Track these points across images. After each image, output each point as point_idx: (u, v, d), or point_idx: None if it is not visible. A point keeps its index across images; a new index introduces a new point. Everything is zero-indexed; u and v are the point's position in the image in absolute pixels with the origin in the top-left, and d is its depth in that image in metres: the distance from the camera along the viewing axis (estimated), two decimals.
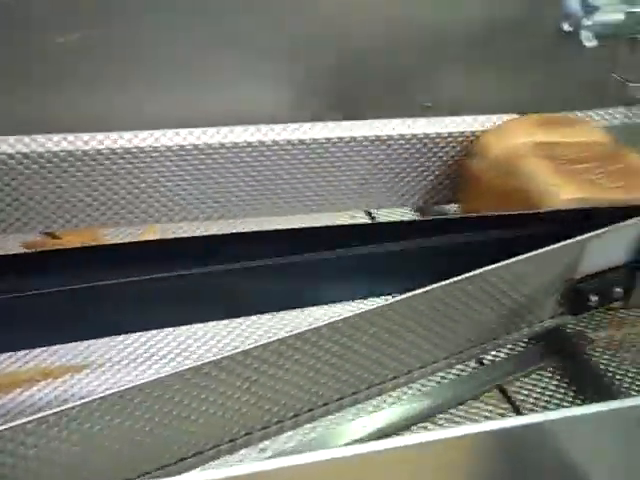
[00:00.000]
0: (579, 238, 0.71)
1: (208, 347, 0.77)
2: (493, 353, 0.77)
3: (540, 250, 0.69)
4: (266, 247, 0.68)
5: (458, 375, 0.75)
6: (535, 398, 0.73)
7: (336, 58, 1.00)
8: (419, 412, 0.72)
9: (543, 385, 0.75)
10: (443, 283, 0.64)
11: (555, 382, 0.75)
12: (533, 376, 0.76)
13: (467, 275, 0.66)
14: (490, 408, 0.72)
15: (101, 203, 0.84)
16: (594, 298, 0.73)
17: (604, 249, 0.73)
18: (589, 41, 0.92)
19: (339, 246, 0.69)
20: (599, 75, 0.99)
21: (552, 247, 0.69)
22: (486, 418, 0.71)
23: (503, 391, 0.74)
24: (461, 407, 0.72)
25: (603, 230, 0.71)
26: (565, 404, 0.73)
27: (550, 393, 0.74)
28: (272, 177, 0.88)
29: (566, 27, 0.94)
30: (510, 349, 0.78)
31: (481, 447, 0.49)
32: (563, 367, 0.77)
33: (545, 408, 0.72)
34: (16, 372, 0.73)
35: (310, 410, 0.62)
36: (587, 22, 0.92)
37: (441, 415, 0.71)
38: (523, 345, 0.79)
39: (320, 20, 0.97)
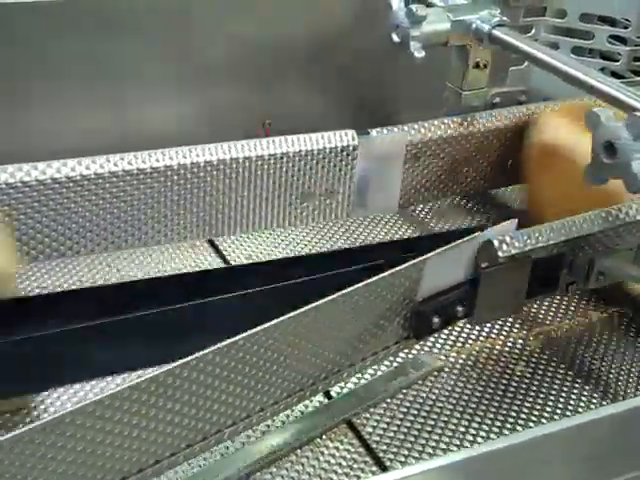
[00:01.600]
0: (417, 260, 0.69)
1: None
2: (342, 384, 0.74)
3: (378, 276, 0.66)
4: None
5: (302, 412, 0.71)
6: (383, 429, 0.71)
7: None
8: (266, 453, 0.68)
9: (390, 414, 0.72)
10: (280, 320, 0.61)
11: (403, 410, 0.73)
12: (383, 405, 0.73)
13: (302, 310, 0.63)
14: (337, 445, 0.69)
15: None
16: (436, 319, 0.72)
17: (443, 269, 0.71)
18: (418, 52, 0.91)
19: None
20: (433, 85, 0.98)
21: (390, 272, 0.67)
22: (334, 454, 0.68)
23: (351, 424, 0.71)
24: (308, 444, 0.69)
25: (440, 250, 0.70)
26: (413, 432, 0.71)
27: (398, 422, 0.72)
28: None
29: (395, 38, 0.92)
30: (357, 379, 0.75)
31: None
32: (412, 395, 0.75)
33: (392, 439, 0.70)
34: None
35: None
36: (415, 33, 0.90)
37: (286, 458, 0.67)
38: (371, 373, 0.76)
39: None
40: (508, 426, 0.72)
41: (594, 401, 0.76)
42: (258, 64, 0.99)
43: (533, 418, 0.73)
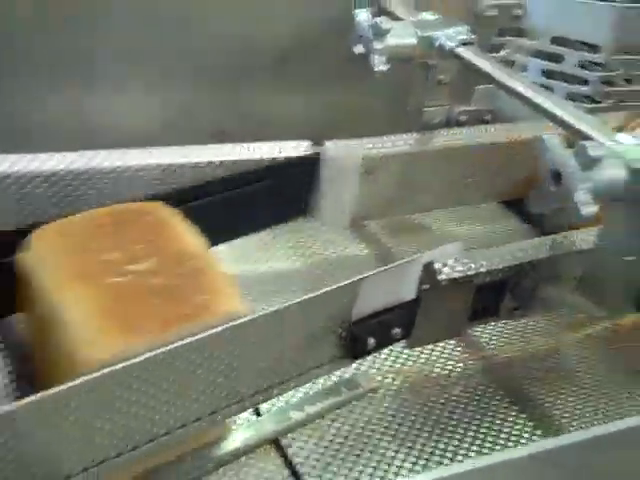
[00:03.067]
0: (353, 279, 0.67)
1: None
2: (272, 402, 0.72)
3: (312, 294, 0.65)
4: None
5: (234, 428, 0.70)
6: (310, 450, 0.69)
7: None
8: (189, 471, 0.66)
9: (319, 435, 0.71)
10: (209, 333, 0.59)
11: (333, 431, 0.71)
12: (312, 425, 0.72)
13: (234, 324, 0.61)
14: (261, 465, 0.68)
15: None
16: (372, 340, 0.70)
17: (381, 289, 0.70)
18: (380, 65, 0.89)
19: None
20: (395, 100, 0.97)
21: (325, 290, 0.66)
22: (257, 474, 0.67)
23: (277, 443, 0.70)
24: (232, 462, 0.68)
25: (379, 269, 0.68)
26: (341, 455, 0.69)
27: (326, 444, 0.70)
28: None
29: (358, 50, 0.91)
30: (289, 397, 0.73)
31: None
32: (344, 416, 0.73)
33: (318, 461, 0.68)
34: None
35: None
36: (378, 46, 0.89)
37: (207, 477, 0.66)
38: (303, 391, 0.74)
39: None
40: (437, 453, 0.71)
41: (527, 430, 0.74)
42: (226, 67, 0.98)
43: (464, 445, 0.72)
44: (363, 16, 0.91)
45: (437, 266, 0.71)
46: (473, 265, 0.72)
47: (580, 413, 0.77)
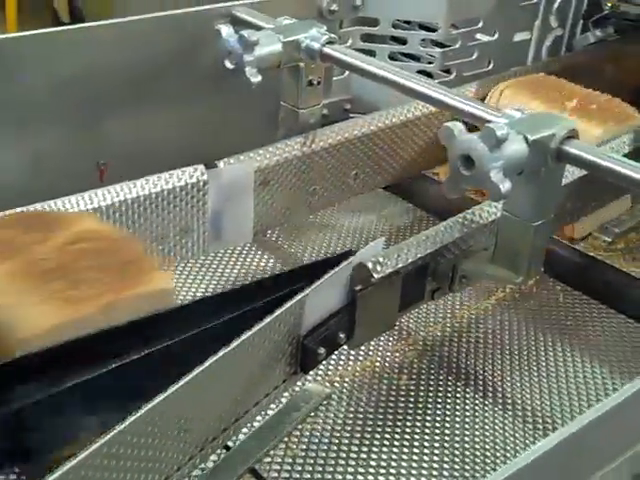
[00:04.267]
0: (298, 297, 0.68)
1: None
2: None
3: (263, 322, 0.65)
4: None
5: (203, 469, 0.68)
6: (287, 471, 0.70)
7: None
8: None
9: (291, 454, 0.71)
10: (170, 392, 0.58)
11: (303, 447, 0.72)
12: (282, 445, 0.72)
13: (193, 375, 0.60)
14: None
15: None
16: (322, 350, 0.71)
17: (322, 299, 0.71)
18: (254, 76, 0.89)
19: None
20: (272, 106, 0.97)
21: (274, 315, 0.66)
22: None
23: (254, 471, 0.69)
24: None
25: (318, 283, 0.69)
26: (318, 468, 0.70)
27: (301, 461, 0.71)
28: None
29: (229, 65, 0.90)
30: (250, 424, 0.73)
31: None
32: (308, 429, 0.74)
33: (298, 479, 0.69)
34: None
35: None
36: (248, 58, 0.89)
37: None
38: (263, 415, 0.74)
39: None
40: (405, 444, 0.73)
41: (478, 401, 0.78)
42: (83, 103, 0.94)
43: (427, 425, 0.75)
44: (227, 31, 0.91)
45: (370, 265, 0.73)
46: (400, 257, 0.75)
47: (512, 373, 0.82)
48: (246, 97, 0.95)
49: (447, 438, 0.74)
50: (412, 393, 0.78)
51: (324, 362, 0.80)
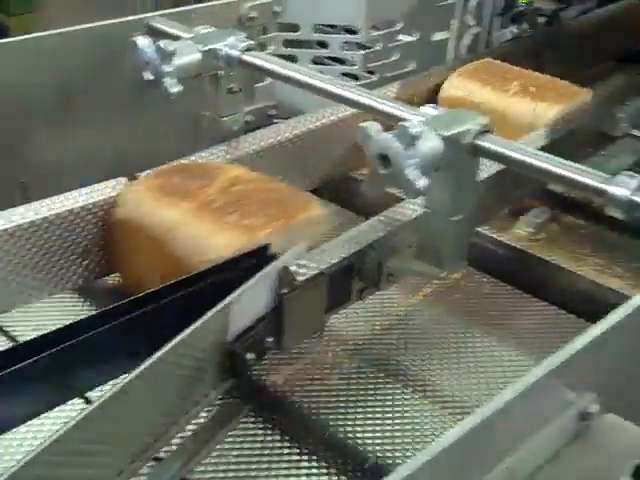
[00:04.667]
0: (222, 305, 0.68)
1: None
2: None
3: (186, 331, 0.65)
4: None
5: None
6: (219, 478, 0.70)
7: None
8: None
9: (225, 461, 0.71)
10: (99, 403, 0.58)
11: (235, 453, 0.72)
12: (215, 453, 0.72)
13: (120, 386, 0.60)
14: None
15: None
16: (250, 355, 0.72)
17: (248, 305, 0.71)
18: (173, 86, 0.89)
19: None
20: (194, 115, 0.97)
21: (198, 323, 0.66)
22: None
23: None
24: None
25: (241, 289, 0.70)
26: (251, 473, 0.70)
27: (234, 467, 0.71)
28: None
29: (147, 76, 0.90)
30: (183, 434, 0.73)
31: None
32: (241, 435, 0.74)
33: None
34: None
35: None
36: (167, 68, 0.89)
37: None
38: (195, 424, 0.74)
39: None
40: (337, 444, 0.74)
41: (408, 395, 0.79)
42: (1, 120, 0.93)
43: (358, 423, 0.76)
44: (143, 42, 0.91)
45: (293, 269, 0.73)
46: (324, 259, 0.75)
47: (441, 366, 0.83)
48: (168, 107, 0.95)
49: (378, 434, 0.75)
50: (343, 393, 0.79)
51: (257, 367, 0.81)
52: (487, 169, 0.88)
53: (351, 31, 1.20)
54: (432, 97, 1.13)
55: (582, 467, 0.51)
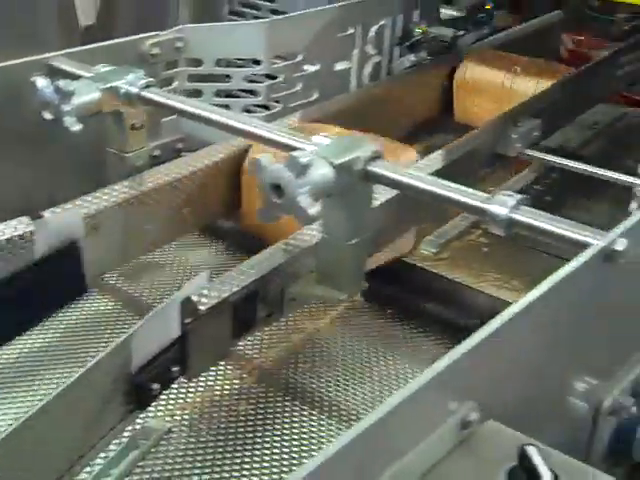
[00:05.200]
0: (123, 338, 0.69)
1: None
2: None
3: (86, 367, 0.66)
4: None
5: None
6: None
7: None
8: None
9: None
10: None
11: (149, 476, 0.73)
12: None
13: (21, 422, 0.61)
14: None
15: None
16: (156, 385, 0.73)
17: (151, 336, 0.73)
18: (74, 125, 0.91)
19: None
20: (98, 152, 0.98)
21: (98, 357, 0.67)
22: None
23: None
24: None
25: (143, 320, 0.71)
26: None
27: None
28: None
29: (47, 116, 0.91)
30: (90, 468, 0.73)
31: None
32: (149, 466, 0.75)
33: None
34: None
35: None
36: (66, 108, 0.90)
37: None
38: (102, 457, 0.75)
39: None
40: (245, 468, 0.75)
41: (316, 417, 0.81)
42: None
43: (266, 447, 0.77)
44: (42, 82, 0.92)
45: (195, 298, 0.75)
46: (226, 287, 0.77)
47: (346, 387, 0.85)
48: (71, 144, 0.96)
49: (285, 456, 0.76)
50: (251, 418, 0.81)
51: (164, 396, 0.82)
52: (388, 192, 0.91)
53: (258, 62, 1.23)
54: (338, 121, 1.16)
55: (462, 474, 0.53)
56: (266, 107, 1.25)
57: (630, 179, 0.96)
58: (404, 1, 1.36)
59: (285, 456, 0.77)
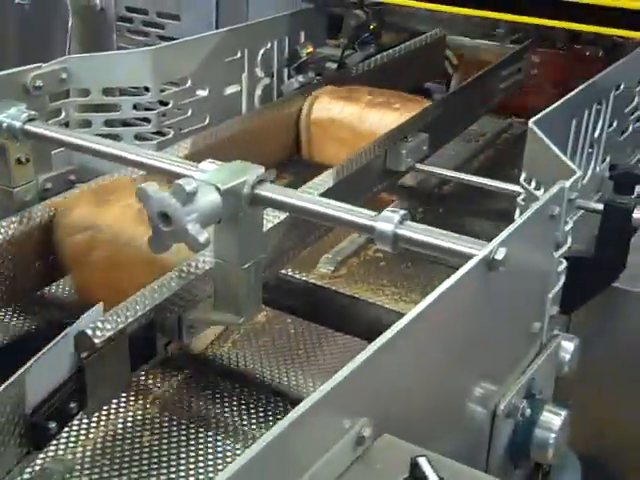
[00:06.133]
0: (15, 376, 0.68)
1: None
2: None
3: None
4: None
5: None
6: None
7: None
8: None
9: None
10: None
11: None
12: None
13: None
14: None
15: None
16: (53, 424, 0.72)
17: (46, 374, 0.71)
18: None
19: None
20: None
21: None
22: None
23: None
24: None
25: (35, 358, 0.70)
26: None
27: None
28: None
29: None
30: None
31: None
32: None
33: None
34: None
35: None
36: None
37: None
38: None
39: None
40: None
41: (221, 442, 0.81)
42: None
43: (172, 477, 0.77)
44: None
45: (89, 332, 0.74)
46: (120, 319, 0.77)
47: (248, 409, 0.86)
48: None
49: None
50: (156, 449, 0.80)
51: (64, 434, 0.81)
52: (283, 213, 0.91)
53: (143, 90, 1.22)
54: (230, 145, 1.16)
55: None
56: (163, 134, 1.25)
57: (514, 188, 1.00)
58: (290, 24, 1.38)
59: None
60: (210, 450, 0.80)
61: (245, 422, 0.84)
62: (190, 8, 1.69)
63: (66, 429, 0.79)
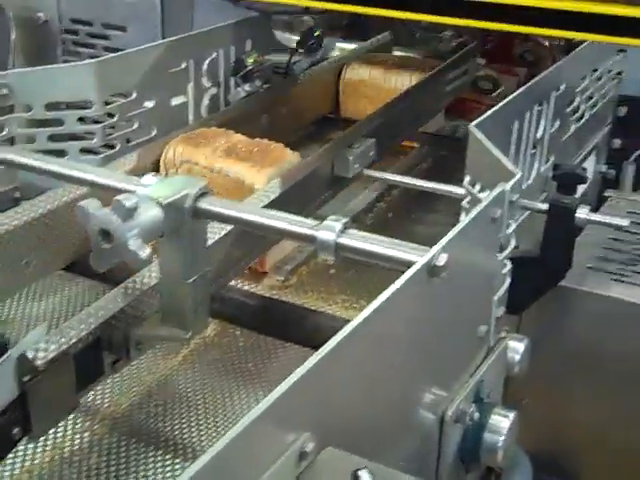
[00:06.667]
0: None
1: None
2: None
3: None
4: None
5: None
6: None
7: None
8: None
9: None
10: None
11: None
12: None
13: None
14: None
15: None
16: None
17: None
18: None
19: None
20: None
21: None
22: None
23: None
24: None
25: None
26: None
27: None
28: None
29: None
30: None
31: None
32: None
33: None
34: None
35: None
36: None
37: None
38: None
39: None
40: None
41: (170, 461, 0.80)
42: None
43: None
44: None
45: (31, 355, 0.73)
46: (64, 339, 0.75)
47: (198, 426, 0.85)
48: None
49: None
50: (103, 471, 0.79)
51: (9, 460, 0.79)
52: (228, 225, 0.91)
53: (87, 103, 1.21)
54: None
55: None
56: (112, 146, 1.23)
57: (459, 191, 1.00)
58: (235, 32, 1.37)
59: None
60: (159, 470, 0.79)
61: (195, 440, 0.83)
62: (136, 19, 1.67)
63: (10, 455, 0.77)
